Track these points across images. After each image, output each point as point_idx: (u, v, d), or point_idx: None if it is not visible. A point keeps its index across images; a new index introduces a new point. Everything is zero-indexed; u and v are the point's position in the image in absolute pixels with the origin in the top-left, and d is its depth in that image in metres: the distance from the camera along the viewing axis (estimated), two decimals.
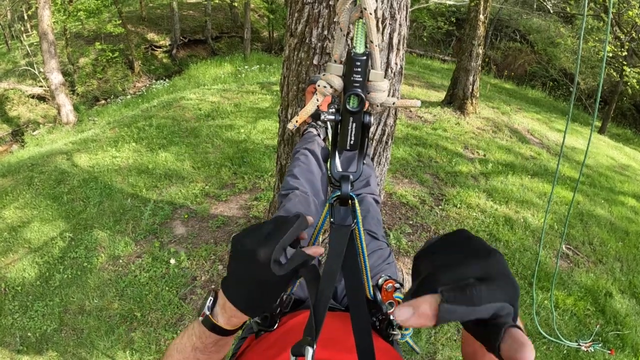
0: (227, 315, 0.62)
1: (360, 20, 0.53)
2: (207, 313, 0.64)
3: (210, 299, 0.65)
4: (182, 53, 15.40)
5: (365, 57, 0.54)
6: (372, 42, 0.54)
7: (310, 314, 0.57)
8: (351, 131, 0.60)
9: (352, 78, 0.55)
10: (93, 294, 3.00)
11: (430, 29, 14.53)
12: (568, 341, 2.63)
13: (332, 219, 0.65)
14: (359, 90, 0.56)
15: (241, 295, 0.59)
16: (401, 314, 0.37)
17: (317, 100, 0.59)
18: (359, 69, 0.55)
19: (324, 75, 0.58)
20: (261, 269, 0.55)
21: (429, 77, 9.94)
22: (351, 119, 0.59)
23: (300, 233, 0.59)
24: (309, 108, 0.60)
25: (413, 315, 0.37)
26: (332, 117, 0.61)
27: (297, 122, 0.61)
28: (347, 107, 0.57)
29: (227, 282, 0.60)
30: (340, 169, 0.65)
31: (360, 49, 0.54)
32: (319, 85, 0.57)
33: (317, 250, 0.60)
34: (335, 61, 0.58)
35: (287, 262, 0.58)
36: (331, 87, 0.56)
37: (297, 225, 0.59)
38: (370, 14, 0.51)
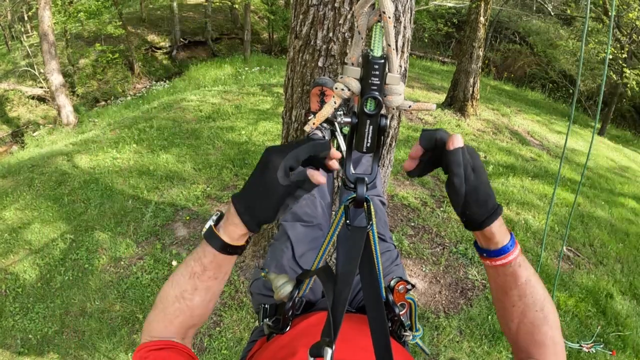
0: (228, 223, 0.65)
1: (379, 23, 0.53)
2: (211, 224, 0.67)
3: (218, 213, 0.69)
4: (182, 54, 15.40)
5: (383, 61, 0.55)
6: (389, 45, 0.54)
7: (328, 315, 0.57)
8: (368, 134, 0.60)
9: (370, 81, 0.56)
10: (94, 295, 3.00)
11: (430, 31, 14.55)
12: (570, 342, 2.63)
13: (347, 221, 0.65)
14: (377, 93, 0.57)
15: (244, 198, 0.63)
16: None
17: (335, 102, 0.59)
18: (377, 72, 0.55)
19: (341, 77, 0.58)
20: (270, 173, 0.60)
21: (429, 79, 9.96)
22: (368, 121, 0.59)
23: (321, 153, 0.63)
24: (327, 110, 0.60)
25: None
26: (349, 119, 0.62)
27: (314, 124, 0.61)
28: (365, 109, 0.58)
29: (239, 191, 0.65)
30: (353, 171, 0.65)
31: (378, 52, 0.55)
32: (336, 88, 0.57)
33: (319, 179, 0.62)
34: (352, 64, 0.58)
35: (292, 175, 0.61)
36: (349, 90, 0.57)
37: (315, 144, 0.63)
38: (389, 17, 0.51)
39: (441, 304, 2.95)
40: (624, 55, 9.19)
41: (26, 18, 15.40)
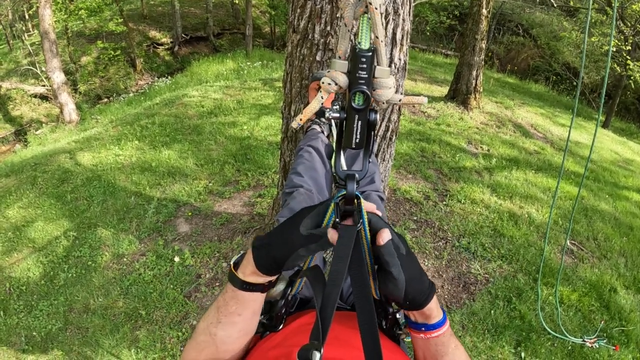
0: (245, 264, 0.68)
1: (365, 15, 0.52)
2: (231, 262, 0.71)
3: (242, 253, 0.71)
4: (184, 50, 15.39)
5: (370, 53, 0.53)
6: (377, 37, 0.53)
7: (316, 317, 0.56)
8: (357, 129, 0.59)
9: (357, 75, 0.54)
10: (98, 292, 3.01)
11: (432, 24, 14.44)
12: (573, 337, 2.62)
13: (337, 219, 0.64)
14: (365, 87, 0.55)
15: (262, 242, 0.66)
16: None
17: (322, 97, 0.58)
18: (365, 66, 0.54)
19: (328, 72, 0.57)
20: (296, 222, 0.63)
21: (432, 72, 9.89)
22: (356, 116, 0.58)
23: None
24: (314, 106, 0.59)
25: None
26: (337, 114, 0.60)
27: (301, 120, 0.60)
28: (353, 104, 0.56)
29: (263, 235, 0.68)
30: (345, 168, 0.64)
31: (365, 44, 0.53)
32: (323, 83, 0.56)
33: (333, 236, 0.63)
34: (339, 57, 0.57)
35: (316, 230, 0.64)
36: (336, 84, 0.55)
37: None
38: (376, 8, 0.50)
39: (443, 299, 2.94)
40: (628, 48, 9.08)
41: (27, 17, 15.44)
